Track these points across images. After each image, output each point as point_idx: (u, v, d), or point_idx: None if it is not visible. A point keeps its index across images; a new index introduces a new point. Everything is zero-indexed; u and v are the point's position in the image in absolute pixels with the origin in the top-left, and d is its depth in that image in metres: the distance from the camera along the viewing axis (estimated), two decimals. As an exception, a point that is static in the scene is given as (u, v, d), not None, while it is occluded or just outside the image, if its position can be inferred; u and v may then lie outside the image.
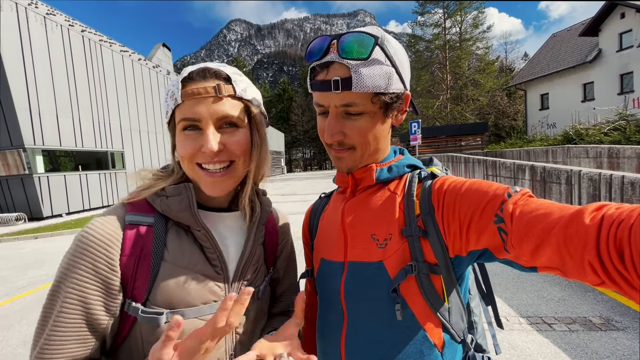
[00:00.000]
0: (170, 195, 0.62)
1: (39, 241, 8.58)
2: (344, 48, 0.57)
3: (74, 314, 0.53)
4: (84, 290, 0.53)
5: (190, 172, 0.63)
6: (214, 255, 0.62)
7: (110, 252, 0.55)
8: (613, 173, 3.88)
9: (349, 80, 0.57)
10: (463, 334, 0.63)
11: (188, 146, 0.60)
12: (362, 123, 0.61)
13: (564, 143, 12.49)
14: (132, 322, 0.57)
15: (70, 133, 12.84)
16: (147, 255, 0.58)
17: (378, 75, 0.58)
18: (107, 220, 0.58)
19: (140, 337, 0.57)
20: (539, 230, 0.43)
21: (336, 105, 0.60)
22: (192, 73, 0.60)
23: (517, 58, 47.79)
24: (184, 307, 0.58)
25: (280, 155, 48.06)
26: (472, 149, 21.46)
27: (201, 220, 0.61)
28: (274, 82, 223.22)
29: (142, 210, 0.61)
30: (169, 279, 0.58)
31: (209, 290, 0.61)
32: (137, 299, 0.57)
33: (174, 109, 0.62)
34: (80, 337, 0.53)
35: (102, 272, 0.54)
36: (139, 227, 0.59)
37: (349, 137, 0.62)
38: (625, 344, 2.44)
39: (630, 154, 8.08)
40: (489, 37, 33.36)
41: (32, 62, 11.32)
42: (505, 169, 7.25)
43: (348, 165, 0.66)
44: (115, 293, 0.55)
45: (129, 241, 0.57)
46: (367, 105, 0.59)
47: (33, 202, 11.90)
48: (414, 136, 13.13)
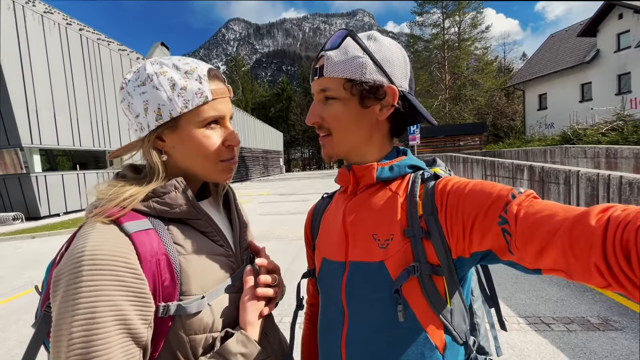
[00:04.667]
0: (164, 194, 0.61)
1: (36, 241, 8.55)
2: (327, 43, 0.66)
3: (118, 337, 0.49)
4: (121, 308, 0.49)
5: (207, 166, 0.66)
6: (217, 237, 0.67)
7: (130, 261, 0.53)
8: (611, 173, 3.89)
9: (322, 67, 0.65)
10: (465, 335, 0.63)
11: (216, 140, 0.65)
12: (336, 107, 0.65)
13: (562, 143, 12.54)
14: (169, 324, 0.57)
15: (68, 132, 12.80)
16: (163, 255, 0.57)
17: (349, 63, 0.62)
18: (108, 234, 0.54)
19: (183, 330, 0.58)
20: (543, 232, 0.43)
21: (316, 91, 0.67)
22: (211, 72, 0.64)
23: (516, 58, 48.01)
24: (214, 286, 0.63)
25: (279, 154, 48.06)
26: (470, 149, 21.52)
27: (202, 209, 0.65)
28: (272, 81, 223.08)
29: (133, 218, 0.58)
30: (193, 269, 0.60)
31: (227, 266, 0.67)
32: (172, 298, 0.57)
33: (199, 106, 0.62)
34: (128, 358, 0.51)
35: (131, 284, 0.52)
36: (142, 233, 0.57)
37: (325, 121, 0.67)
38: (623, 344, 2.45)
39: (627, 154, 8.12)
40: (488, 38, 33.52)
41: (29, 60, 11.27)
42: (503, 169, 7.27)
43: (328, 152, 0.70)
44: (148, 301, 0.54)
45: (142, 247, 0.55)
46: (339, 91, 0.64)
47: (30, 202, 11.85)
48: (413, 136, 13.16)
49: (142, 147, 0.64)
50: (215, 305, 0.61)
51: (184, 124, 0.62)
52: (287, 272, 4.53)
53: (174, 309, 0.56)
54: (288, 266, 4.81)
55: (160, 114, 0.60)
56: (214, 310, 0.61)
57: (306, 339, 0.90)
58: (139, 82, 0.60)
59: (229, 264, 0.68)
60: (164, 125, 0.61)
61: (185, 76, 0.61)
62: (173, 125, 0.62)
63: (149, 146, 0.62)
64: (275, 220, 8.61)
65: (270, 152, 42.72)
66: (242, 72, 67.74)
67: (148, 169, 0.65)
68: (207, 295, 0.60)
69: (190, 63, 0.63)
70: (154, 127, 0.61)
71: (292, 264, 4.90)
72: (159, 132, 0.62)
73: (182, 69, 0.61)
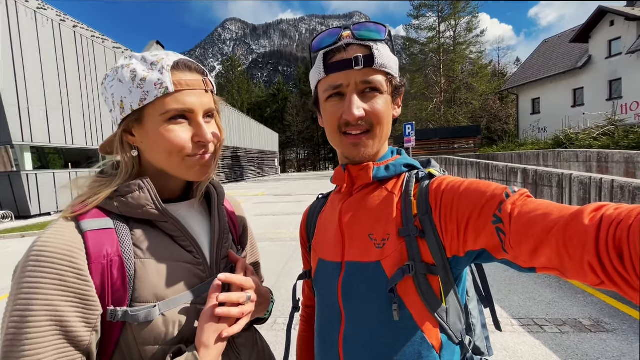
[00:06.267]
0: (127, 193, 0.58)
1: (26, 240, 8.40)
2: (361, 31, 0.62)
3: (51, 339, 0.47)
4: (57, 309, 0.48)
5: (173, 162, 0.61)
6: (186, 243, 0.63)
7: (75, 261, 0.50)
8: (603, 177, 3.95)
9: (370, 57, 0.60)
10: (461, 335, 0.63)
11: (180, 135, 0.59)
12: (380, 102, 0.62)
13: (555, 147, 12.72)
14: (120, 329, 0.55)
15: (60, 130, 12.62)
16: (117, 257, 0.55)
17: (391, 58, 0.63)
18: (62, 230, 0.53)
19: (133, 338, 0.55)
20: (537, 231, 0.43)
21: (357, 82, 0.61)
22: (180, 63, 0.60)
23: (510, 63, 48.68)
24: (172, 295, 0.58)
25: (274, 155, 47.95)
26: (465, 152, 21.71)
27: (168, 212, 0.61)
28: (268, 82, 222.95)
29: (95, 216, 0.56)
30: (149, 275, 0.57)
31: (193, 275, 0.62)
32: (121, 303, 0.54)
33: (159, 97, 0.57)
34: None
35: (72, 285, 0.49)
36: (99, 232, 0.55)
37: (367, 115, 0.61)
38: (614, 346, 2.47)
39: (618, 158, 8.25)
40: (482, 42, 33.89)
41: (21, 56, 11.10)
42: (497, 172, 7.33)
43: (364, 150, 0.64)
44: (92, 303, 0.51)
45: (94, 247, 0.53)
46: (383, 85, 0.62)
47: (20, 200, 11.65)
48: (408, 138, 13.22)
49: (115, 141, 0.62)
50: (172, 316, 0.57)
51: (148, 117, 0.58)
52: (282, 273, 4.51)
53: (121, 315, 0.53)
54: (282, 267, 4.79)
55: (122, 107, 0.58)
56: (168, 321, 0.56)
57: (302, 341, 0.89)
58: (112, 76, 0.59)
59: (195, 272, 0.62)
60: (130, 119, 0.59)
61: (150, 67, 0.57)
62: (138, 119, 0.59)
63: (118, 141, 0.61)
64: (270, 221, 8.58)
65: (266, 152, 42.62)
66: (238, 72, 67.42)
67: (120, 166, 0.62)
68: (161, 304, 0.56)
69: (160, 55, 0.59)
70: (121, 121, 0.60)
71: (287, 265, 4.88)
72: (127, 127, 0.60)
73: (149, 60, 0.58)
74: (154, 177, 0.63)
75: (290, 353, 0.77)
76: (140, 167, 0.64)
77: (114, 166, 0.65)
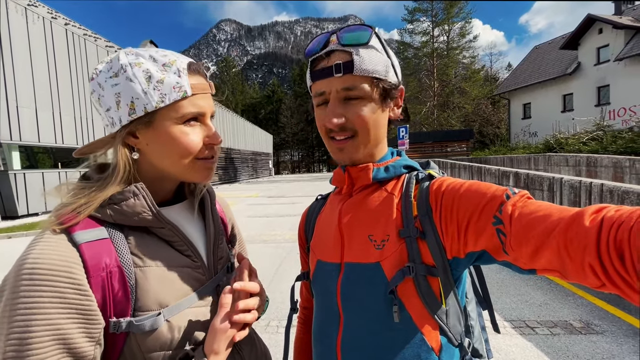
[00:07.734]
0: (121, 201, 0.56)
1: (13, 241, 8.19)
2: (344, 37, 0.61)
3: (55, 359, 0.46)
4: (60, 327, 0.46)
5: (184, 165, 0.60)
6: (184, 247, 0.62)
7: (74, 276, 0.48)
8: (593, 181, 4.02)
9: (350, 63, 0.59)
10: (460, 337, 0.63)
11: (194, 138, 0.60)
12: (363, 107, 0.61)
13: (545, 151, 12.93)
14: (124, 339, 0.54)
15: (49, 129, 12.38)
16: (116, 268, 0.53)
17: (377, 61, 0.61)
18: (54, 244, 0.50)
19: (138, 347, 0.54)
20: (538, 233, 0.43)
21: (337, 89, 0.61)
22: (193, 66, 0.60)
23: (502, 68, 49.32)
24: (175, 301, 0.58)
25: (268, 157, 47.78)
26: (457, 155, 21.94)
27: (164, 218, 0.59)
28: (263, 83, 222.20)
29: (88, 227, 0.53)
30: (150, 283, 0.55)
31: (193, 278, 0.62)
32: (124, 314, 0.53)
33: (177, 101, 0.57)
34: None
35: (73, 301, 0.48)
36: (94, 243, 0.52)
37: (349, 122, 0.62)
38: (604, 347, 2.51)
39: (607, 163, 8.42)
40: (475, 47, 34.43)
41: (10, 53, 10.87)
42: (490, 175, 7.42)
43: (350, 156, 0.65)
44: (94, 317, 0.50)
45: (91, 260, 0.51)
46: (366, 90, 0.60)
47: (8, 200, 11.37)
48: (402, 141, 13.30)
49: (113, 143, 0.58)
50: (176, 321, 0.57)
51: (160, 119, 0.57)
52: (275, 275, 4.48)
53: (125, 326, 0.52)
54: (276, 269, 4.75)
55: (133, 107, 0.55)
56: (173, 327, 0.56)
57: (299, 343, 0.88)
58: (111, 73, 0.55)
59: (195, 276, 0.62)
60: (138, 121, 0.56)
61: (163, 69, 0.56)
62: (148, 121, 0.57)
63: (119, 143, 0.57)
64: (264, 223, 8.53)
65: (260, 154, 42.45)
66: (233, 73, 67.23)
67: (111, 170, 0.58)
68: (165, 311, 0.55)
69: (169, 55, 0.58)
70: (127, 122, 0.56)
71: (280, 267, 4.85)
72: (132, 128, 0.57)
73: (160, 61, 0.56)
74: (149, 181, 0.61)
75: (288, 356, 0.76)
76: (134, 171, 0.61)
77: (98, 170, 0.61)
